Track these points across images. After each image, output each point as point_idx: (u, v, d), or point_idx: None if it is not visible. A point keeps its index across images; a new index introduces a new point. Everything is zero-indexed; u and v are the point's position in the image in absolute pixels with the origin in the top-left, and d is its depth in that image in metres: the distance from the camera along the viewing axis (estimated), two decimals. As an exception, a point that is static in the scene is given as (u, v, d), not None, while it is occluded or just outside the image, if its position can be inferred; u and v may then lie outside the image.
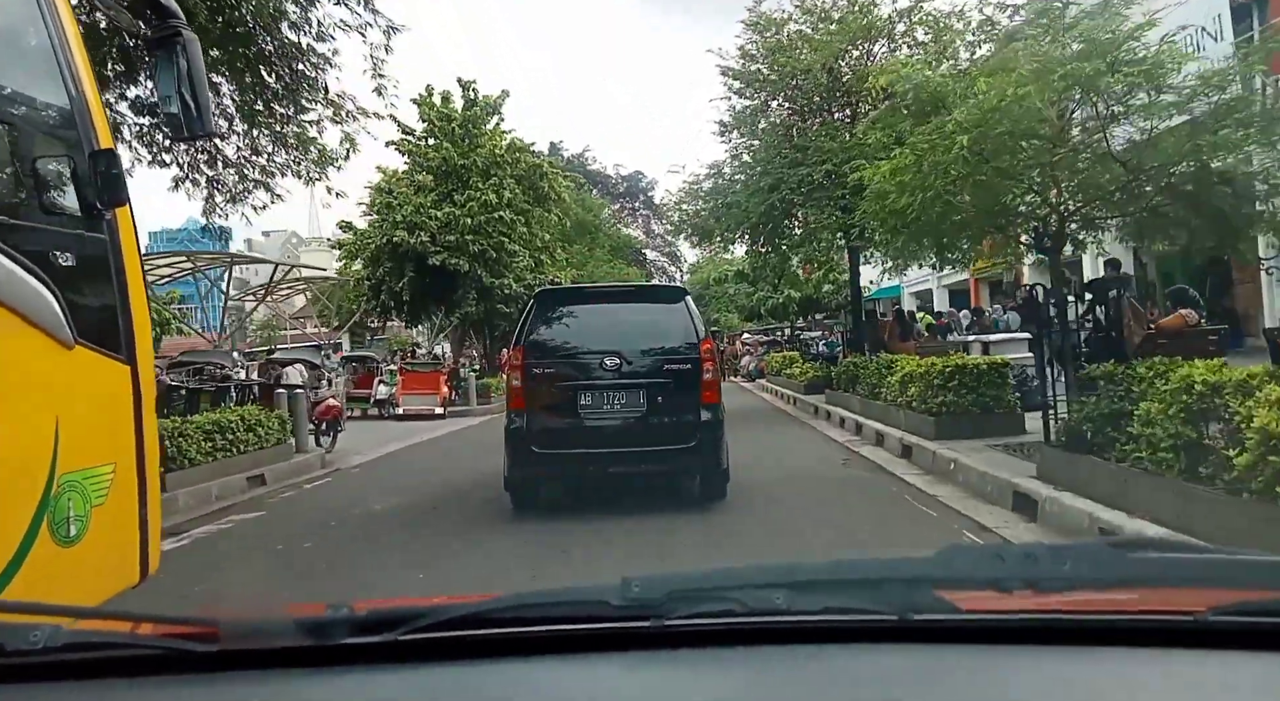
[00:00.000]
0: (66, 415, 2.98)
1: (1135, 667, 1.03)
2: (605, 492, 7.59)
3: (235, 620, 1.15)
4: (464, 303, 24.44)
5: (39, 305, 2.86)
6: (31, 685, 1.10)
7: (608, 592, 1.07)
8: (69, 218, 3.11)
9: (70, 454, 2.97)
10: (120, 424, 3.32)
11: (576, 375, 7.24)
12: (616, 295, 8.58)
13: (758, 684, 1.03)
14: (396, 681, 1.08)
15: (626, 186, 59.38)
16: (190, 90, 3.53)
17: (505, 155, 24.52)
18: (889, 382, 11.60)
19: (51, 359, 2.95)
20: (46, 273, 2.90)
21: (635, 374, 7.17)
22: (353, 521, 7.78)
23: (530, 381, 7.25)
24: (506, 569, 5.66)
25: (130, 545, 3.36)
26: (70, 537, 2.98)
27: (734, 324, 54.06)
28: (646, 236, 61.04)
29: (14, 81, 3.05)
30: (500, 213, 23.30)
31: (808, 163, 15.98)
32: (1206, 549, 1.24)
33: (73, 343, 3.00)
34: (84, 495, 3.08)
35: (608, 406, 7.18)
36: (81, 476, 3.05)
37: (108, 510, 3.16)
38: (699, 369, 7.21)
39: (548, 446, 7.14)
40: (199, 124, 3.61)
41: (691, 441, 7.09)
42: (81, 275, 3.16)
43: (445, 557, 6.06)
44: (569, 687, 1.07)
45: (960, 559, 1.12)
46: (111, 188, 3.23)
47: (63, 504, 2.95)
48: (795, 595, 1.05)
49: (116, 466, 3.24)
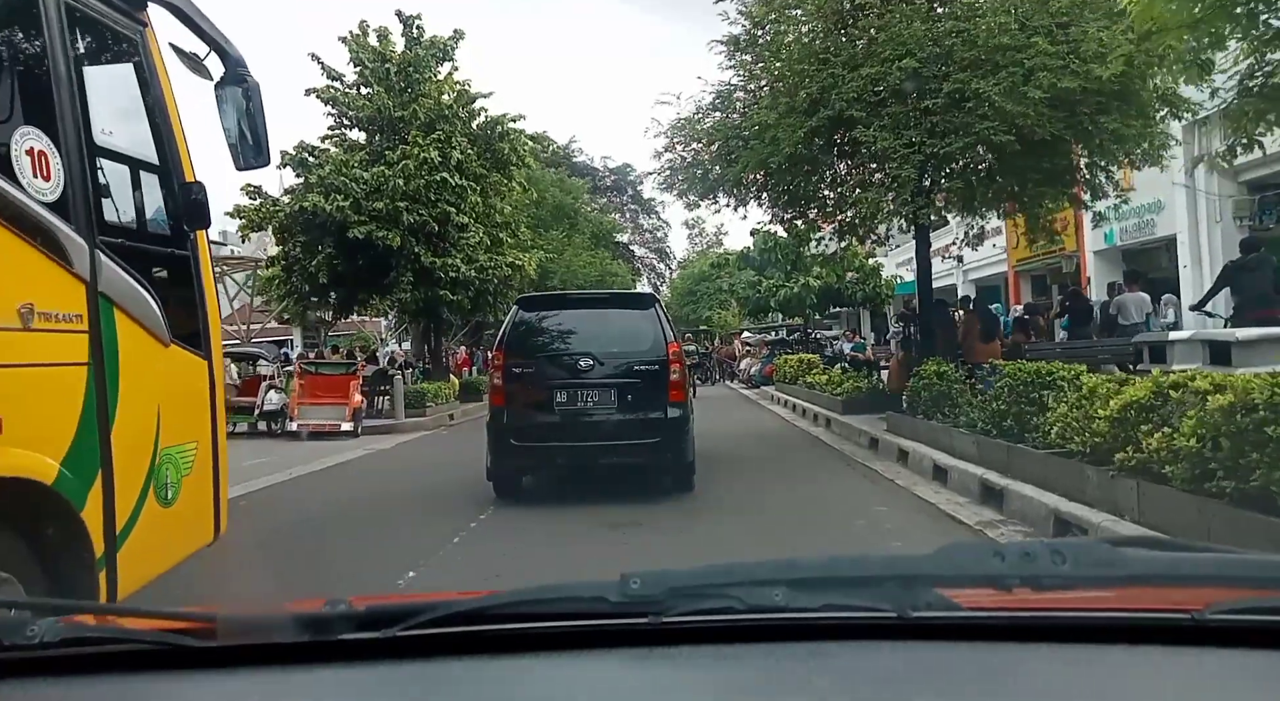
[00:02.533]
0: (165, 401, 3.81)
1: (1134, 665, 1.03)
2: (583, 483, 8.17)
3: (233, 615, 1.15)
4: (396, 287, 18.26)
5: (148, 311, 3.70)
6: (29, 680, 1.10)
7: (607, 589, 1.07)
8: (165, 239, 4.01)
9: (168, 432, 3.80)
10: (200, 409, 4.16)
11: (553, 374, 7.77)
12: (592, 302, 9.55)
13: (757, 681, 1.03)
14: (395, 677, 1.08)
15: (614, 180, 57.28)
16: (251, 126, 4.20)
17: (455, 107, 19.44)
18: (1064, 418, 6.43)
19: (155, 355, 3.76)
20: (152, 284, 3.74)
21: (607, 374, 7.71)
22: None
23: (510, 380, 7.83)
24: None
25: (208, 510, 4.18)
26: (168, 501, 3.81)
27: (730, 321, 50.65)
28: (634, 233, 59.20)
29: (125, 130, 3.88)
30: (444, 175, 17.91)
31: (876, 59, 10.01)
32: (1205, 548, 1.24)
33: (169, 342, 3.84)
34: (177, 466, 3.89)
35: (581, 403, 7.73)
36: (175, 451, 3.88)
37: (193, 479, 3.99)
38: (666, 370, 7.76)
39: (525, 440, 7.72)
40: (259, 156, 4.28)
41: (659, 436, 7.60)
42: (174, 286, 4.00)
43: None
44: (568, 684, 1.07)
45: (960, 556, 1.12)
46: (196, 214, 4.11)
47: (163, 473, 3.77)
48: (795, 592, 1.05)
49: (198, 444, 4.08)
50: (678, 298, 59.21)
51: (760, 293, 29.26)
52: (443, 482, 9.40)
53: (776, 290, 28.05)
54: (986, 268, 27.37)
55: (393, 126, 19.04)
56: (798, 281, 27.23)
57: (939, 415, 9.34)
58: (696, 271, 57.59)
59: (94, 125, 3.59)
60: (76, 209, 3.37)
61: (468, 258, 18.99)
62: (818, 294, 27.58)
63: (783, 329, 36.74)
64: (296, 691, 1.09)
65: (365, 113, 19.04)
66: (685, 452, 7.81)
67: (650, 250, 61.34)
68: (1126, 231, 18.67)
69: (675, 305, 59.06)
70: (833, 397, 14.52)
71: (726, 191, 12.33)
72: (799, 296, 27.51)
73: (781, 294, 27.87)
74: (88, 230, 3.40)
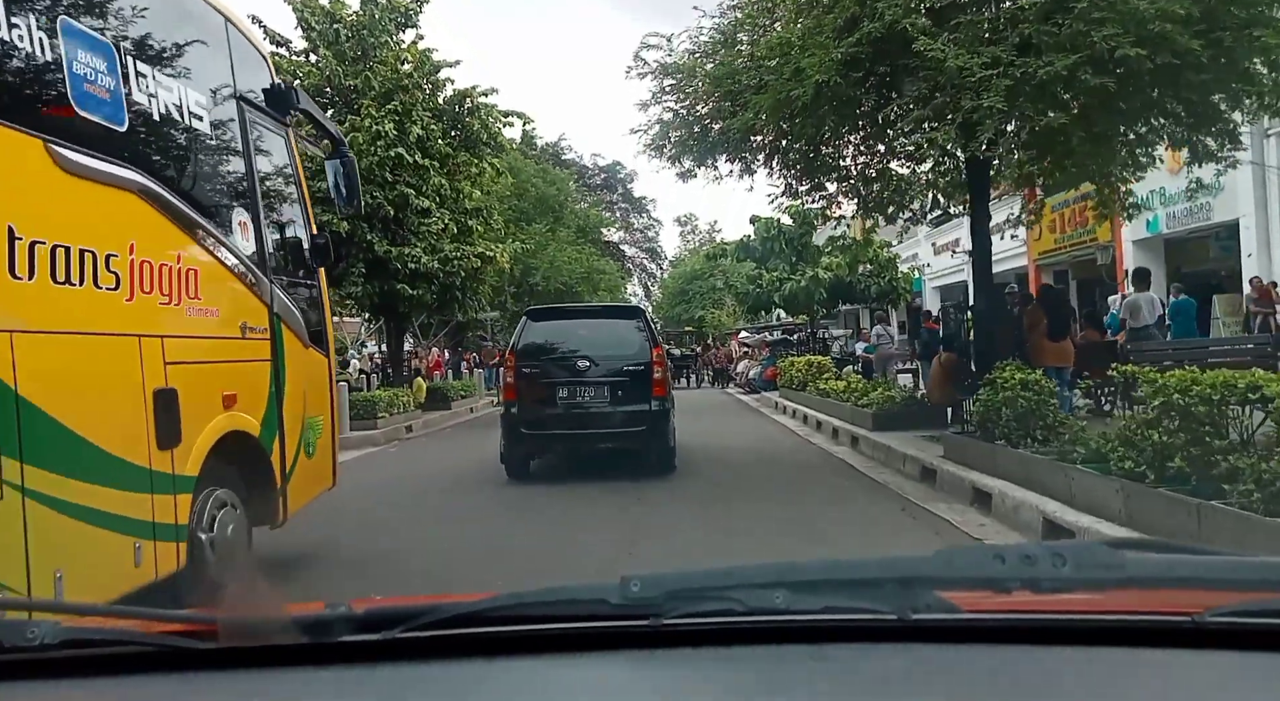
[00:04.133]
0: (307, 386, 5.56)
1: (1134, 668, 1.03)
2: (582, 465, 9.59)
3: (234, 617, 1.15)
4: (345, 280, 16.16)
5: (297, 325, 5.49)
6: (30, 682, 1.10)
7: (607, 591, 1.07)
8: (303, 273, 5.84)
9: (310, 407, 5.57)
10: (325, 393, 5.97)
11: (556, 374, 9.21)
12: (589, 313, 11.43)
13: (757, 683, 1.03)
14: (395, 679, 1.08)
15: (604, 178, 55.89)
16: (348, 185, 6.22)
17: (415, 76, 17.10)
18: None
19: (302, 355, 5.54)
20: (297, 305, 5.55)
21: (602, 373, 9.13)
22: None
23: (521, 379, 9.26)
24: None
25: (330, 465, 6.01)
26: (311, 455, 5.56)
27: (724, 321, 48.46)
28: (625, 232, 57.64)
29: (280, 201, 5.73)
30: (400, 151, 15.99)
31: None
32: (1205, 550, 1.24)
33: (308, 345, 5.65)
34: (314, 431, 5.65)
35: (580, 398, 9.14)
36: (313, 421, 5.63)
37: (322, 442, 5.79)
38: (650, 369, 9.21)
39: (533, 428, 9.13)
40: (350, 203, 6.40)
41: (645, 425, 9.02)
42: (309, 306, 5.79)
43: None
44: (568, 686, 1.07)
45: (960, 559, 1.12)
46: (321, 255, 6.02)
47: (307, 435, 5.53)
48: (795, 594, 1.05)
49: (324, 417, 5.87)
50: (669, 297, 57.33)
51: (762, 287, 25.43)
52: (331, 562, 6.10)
53: (780, 284, 24.41)
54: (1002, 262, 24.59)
55: (343, 97, 16.85)
56: (804, 274, 23.90)
57: (1028, 441, 6.96)
58: (689, 269, 55.86)
59: (265, 200, 5.31)
60: (263, 259, 5.14)
61: (430, 247, 16.98)
62: (827, 288, 23.96)
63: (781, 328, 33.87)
64: (297, 693, 1.09)
65: (312, 81, 16.58)
66: (667, 439, 9.32)
67: (641, 250, 60.19)
68: (1175, 217, 16.37)
69: (667, 305, 57.04)
70: (858, 409, 11.96)
71: (730, 153, 9.92)
72: (806, 291, 23.83)
73: (787, 288, 24.17)
74: (268, 272, 5.16)
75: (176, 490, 4.12)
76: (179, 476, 4.15)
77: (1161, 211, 16.35)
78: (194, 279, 4.37)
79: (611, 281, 40.61)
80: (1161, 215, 16.57)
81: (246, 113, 5.15)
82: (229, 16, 5.18)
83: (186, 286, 4.32)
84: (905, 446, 9.22)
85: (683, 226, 70.83)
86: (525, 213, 32.46)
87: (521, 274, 30.59)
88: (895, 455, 9.27)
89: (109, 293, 3.77)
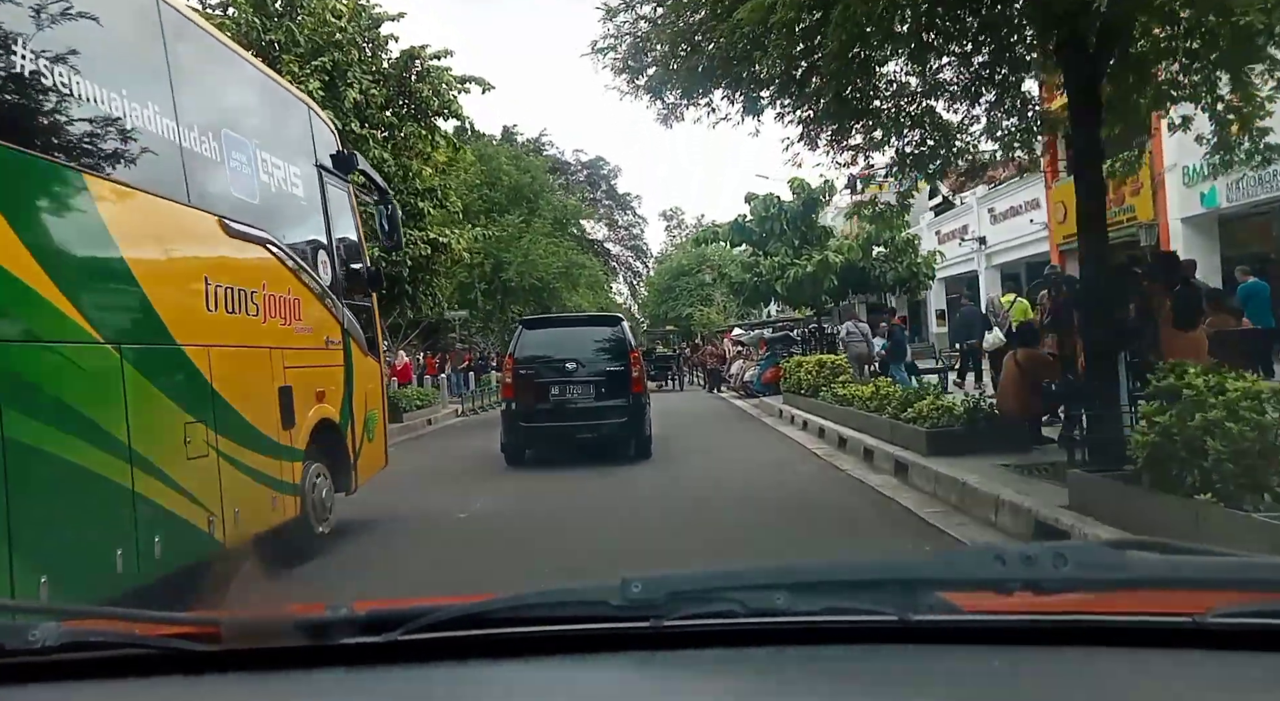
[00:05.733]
0: (368, 386, 7.23)
1: (1135, 669, 1.03)
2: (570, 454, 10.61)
3: (236, 619, 1.15)
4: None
5: (359, 337, 7.09)
6: (31, 685, 1.10)
7: (607, 593, 1.07)
8: (361, 296, 7.39)
9: (369, 402, 7.24)
10: (378, 391, 7.70)
11: (548, 374, 10.73)
12: (576, 322, 13.60)
13: (758, 684, 1.03)
14: (396, 681, 1.09)
15: (587, 174, 54.43)
16: (391, 225, 7.86)
17: (350, 30, 14.66)
18: None
19: (363, 361, 7.15)
20: (359, 320, 7.13)
21: (587, 374, 10.70)
22: None
23: (518, 379, 10.74)
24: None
25: (383, 449, 7.72)
26: (371, 440, 7.25)
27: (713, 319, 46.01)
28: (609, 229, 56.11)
29: (344, 238, 7.14)
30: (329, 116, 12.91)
31: None
32: (1206, 551, 1.24)
33: (366, 353, 7.25)
34: (373, 421, 7.31)
35: (569, 394, 10.69)
36: (371, 414, 7.27)
37: (378, 429, 7.49)
38: (629, 370, 10.81)
39: (529, 421, 10.61)
40: (392, 240, 8.13)
41: (625, 417, 10.58)
42: (365, 320, 7.37)
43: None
44: (569, 687, 1.07)
45: (960, 560, 1.12)
46: (374, 282, 7.86)
47: (368, 424, 7.15)
48: (796, 596, 1.05)
49: (378, 410, 7.55)
50: (655, 295, 55.56)
51: (760, 275, 21.69)
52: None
53: (783, 270, 20.52)
54: (1019, 248, 22.52)
55: (263, 55, 13.65)
56: (810, 258, 19.97)
57: (1259, 497, 4.16)
58: (675, 266, 54.10)
59: (336, 242, 6.88)
60: (336, 287, 6.73)
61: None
62: (838, 274, 20.10)
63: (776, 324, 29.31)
64: (299, 695, 1.09)
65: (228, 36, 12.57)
66: (644, 429, 10.91)
67: (626, 248, 58.66)
68: (1238, 189, 13.65)
69: (653, 303, 55.39)
70: (901, 424, 9.00)
71: (729, 83, 7.34)
72: (814, 278, 19.86)
73: (790, 275, 20.19)
74: (339, 297, 6.75)
75: (294, 459, 5.77)
76: (295, 449, 5.79)
77: (1222, 181, 13.38)
78: (298, 306, 6.05)
79: (592, 277, 38.62)
80: (1221, 187, 13.86)
81: (323, 177, 6.83)
82: (309, 104, 7.16)
83: (294, 312, 5.98)
84: (992, 484, 6.46)
85: (668, 221, 68.42)
86: (497, 203, 30.45)
87: (492, 269, 28.61)
88: (978, 497, 6.43)
89: (254, 319, 5.41)
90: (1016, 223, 22.90)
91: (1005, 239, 23.61)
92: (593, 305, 36.93)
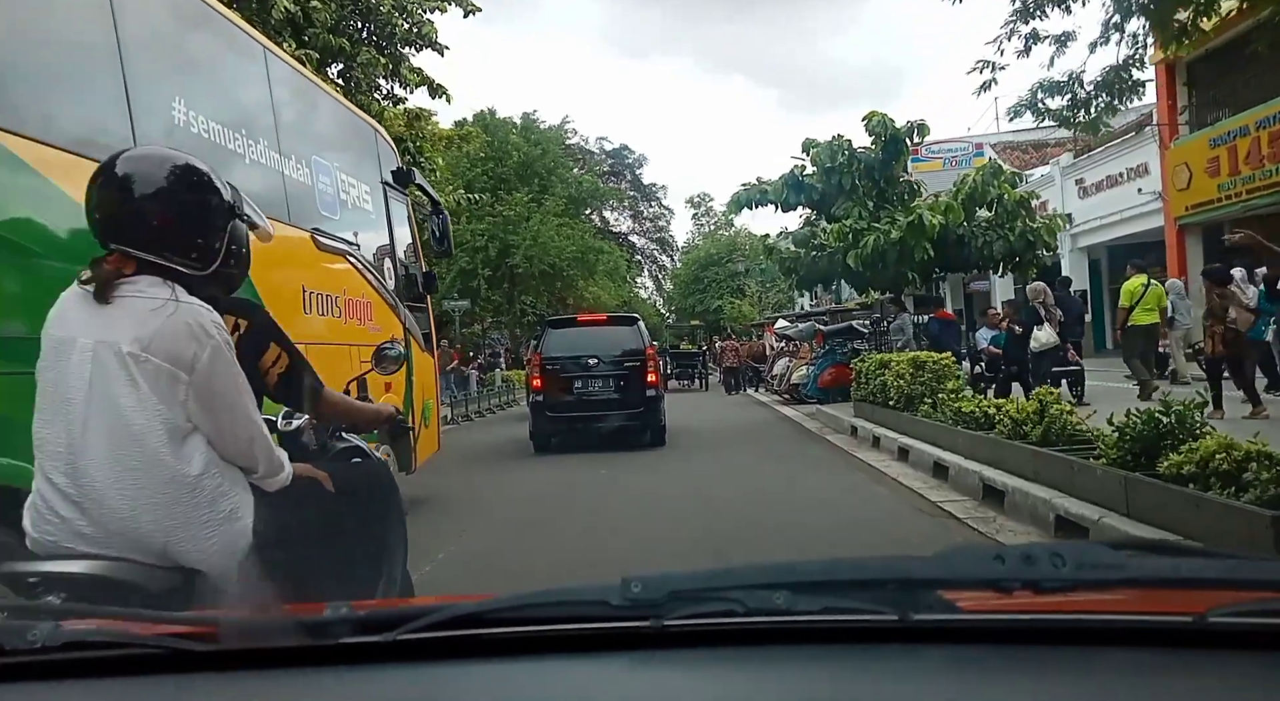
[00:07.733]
0: (424, 379, 7.93)
1: (1135, 668, 1.02)
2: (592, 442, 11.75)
3: (234, 619, 1.15)
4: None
5: (417, 335, 7.84)
6: (30, 684, 1.10)
7: (607, 592, 1.07)
8: (419, 299, 8.31)
9: (426, 393, 8.02)
10: (433, 384, 8.65)
11: (572, 369, 12.01)
12: (595, 322, 14.10)
13: (758, 684, 1.03)
14: (395, 681, 1.08)
15: (611, 164, 51.52)
16: (443, 233, 8.55)
17: None
18: None
19: (421, 356, 7.93)
20: (417, 320, 7.96)
21: (607, 368, 12.01)
22: None
23: (545, 374, 12.04)
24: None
25: (437, 434, 8.67)
26: (427, 426, 8.07)
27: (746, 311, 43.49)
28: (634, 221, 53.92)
29: (404, 250, 8.07)
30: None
31: None
32: (1207, 551, 1.24)
33: (424, 349, 8.10)
34: (429, 410, 8.16)
35: (591, 388, 12.01)
36: (427, 404, 8.09)
37: (434, 417, 8.49)
38: (645, 365, 12.11)
39: (555, 411, 11.96)
40: (443, 248, 8.88)
41: (642, 408, 11.91)
42: (422, 319, 8.22)
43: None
44: (568, 687, 1.07)
45: (960, 559, 1.12)
46: (430, 285, 8.96)
47: (425, 413, 7.96)
48: (796, 595, 1.05)
49: (433, 401, 8.45)
50: (680, 288, 53.54)
51: (821, 247, 15.75)
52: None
53: (856, 239, 14.40)
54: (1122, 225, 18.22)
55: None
56: (894, 222, 14.25)
57: None
58: (703, 255, 51.77)
59: (398, 250, 7.76)
60: (399, 290, 7.54)
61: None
62: (933, 242, 14.15)
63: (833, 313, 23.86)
64: (298, 695, 1.09)
65: None
66: (660, 418, 12.25)
67: (651, 240, 56.30)
68: None
69: (679, 297, 53.51)
70: (1148, 481, 4.94)
71: None
72: (900, 247, 14.09)
73: (868, 243, 14.12)
74: (401, 299, 7.53)
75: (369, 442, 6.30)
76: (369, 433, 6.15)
77: None
78: (370, 308, 6.98)
79: (612, 263, 33.73)
80: None
81: (387, 192, 7.69)
82: (375, 127, 8.08)
83: (368, 313, 6.92)
84: None
85: (695, 208, 62.33)
86: (505, 179, 27.97)
87: (498, 254, 26.37)
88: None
89: (337, 320, 6.34)
90: (1115, 194, 18.74)
91: (1098, 215, 19.34)
92: (613, 297, 34.21)
